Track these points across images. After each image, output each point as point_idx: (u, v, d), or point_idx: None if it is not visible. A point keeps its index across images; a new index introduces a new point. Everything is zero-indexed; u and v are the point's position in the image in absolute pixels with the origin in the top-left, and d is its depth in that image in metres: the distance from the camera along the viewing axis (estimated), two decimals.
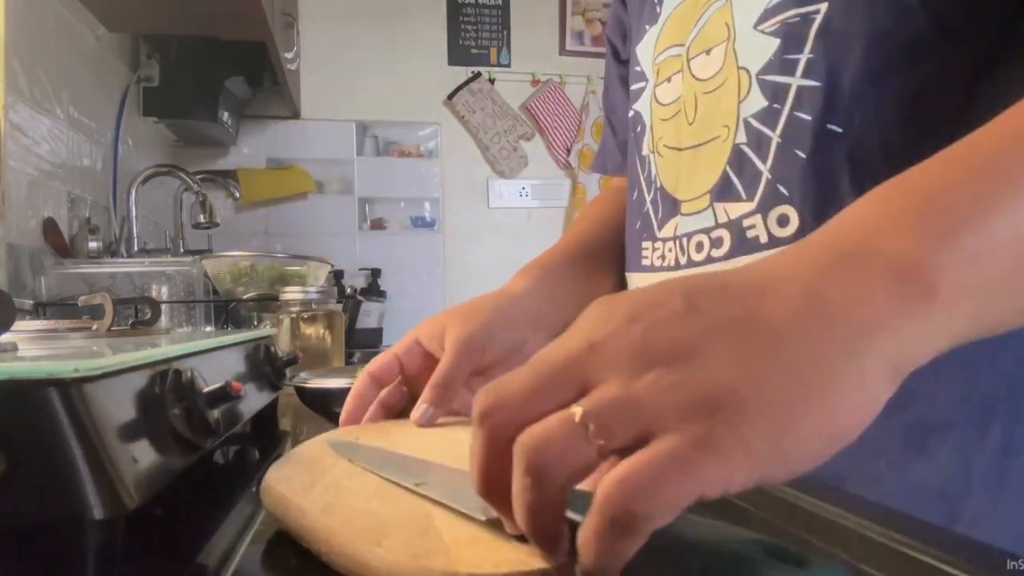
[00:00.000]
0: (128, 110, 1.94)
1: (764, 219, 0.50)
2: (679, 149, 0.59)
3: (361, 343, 2.20)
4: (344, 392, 0.67)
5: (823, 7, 0.48)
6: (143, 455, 0.36)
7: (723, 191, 0.53)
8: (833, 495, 0.40)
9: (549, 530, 0.27)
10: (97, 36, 1.75)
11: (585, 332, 0.27)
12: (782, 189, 0.49)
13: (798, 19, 0.49)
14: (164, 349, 0.45)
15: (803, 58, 0.49)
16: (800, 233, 0.48)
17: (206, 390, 0.46)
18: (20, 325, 0.66)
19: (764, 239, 0.50)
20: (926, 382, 0.38)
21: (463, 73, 2.88)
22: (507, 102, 2.92)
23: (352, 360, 1.68)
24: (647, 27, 0.65)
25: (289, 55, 2.23)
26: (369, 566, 0.31)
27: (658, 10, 0.63)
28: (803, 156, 0.49)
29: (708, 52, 0.56)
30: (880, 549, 0.33)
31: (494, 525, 0.33)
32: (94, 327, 0.70)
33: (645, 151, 0.65)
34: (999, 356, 0.45)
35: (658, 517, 0.23)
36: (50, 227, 1.42)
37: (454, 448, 0.46)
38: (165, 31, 1.96)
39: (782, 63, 0.50)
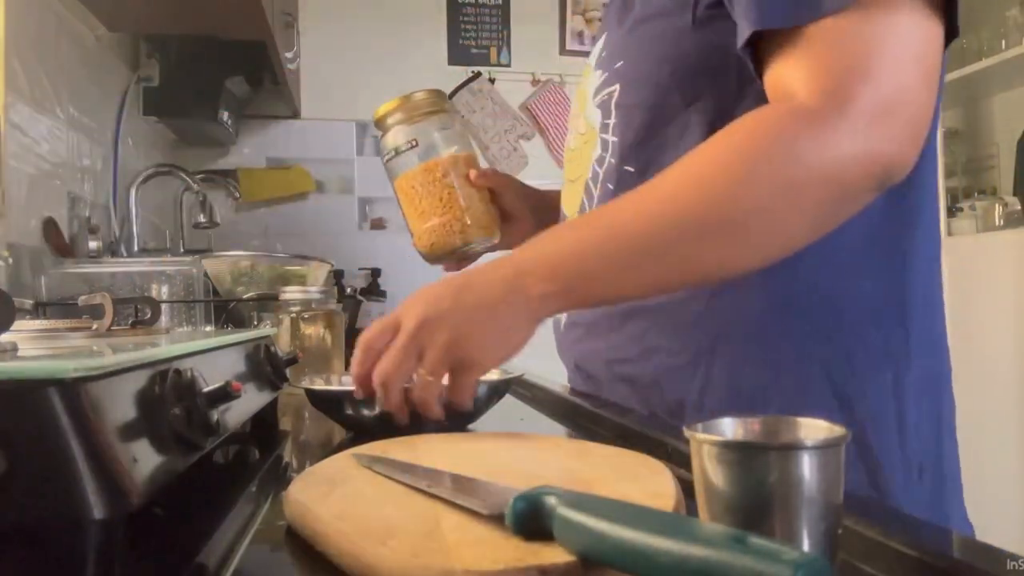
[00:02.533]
0: (128, 110, 1.94)
1: None
2: (571, 181, 0.82)
3: None
4: (340, 395, 0.67)
5: (617, 88, 0.70)
6: (143, 455, 0.36)
7: (581, 211, 0.77)
8: None
9: (396, 404, 0.59)
10: (97, 36, 1.74)
11: (400, 311, 0.59)
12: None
13: (607, 97, 0.72)
14: (164, 349, 0.45)
15: (611, 122, 0.72)
16: None
17: (206, 390, 0.46)
18: (20, 325, 0.66)
19: None
20: (661, 341, 0.68)
21: (463, 73, 2.88)
22: (507, 102, 2.92)
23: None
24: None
25: (289, 55, 2.22)
26: (372, 565, 0.31)
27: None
28: (611, 187, 0.72)
29: (579, 116, 0.79)
30: (880, 549, 0.33)
31: (497, 521, 0.33)
32: (94, 327, 0.70)
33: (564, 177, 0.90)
34: (703, 323, 0.66)
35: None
36: (50, 227, 1.42)
37: (477, 460, 0.47)
38: (165, 31, 1.96)
39: (604, 125, 0.73)
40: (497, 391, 0.71)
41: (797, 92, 0.54)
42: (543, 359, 0.80)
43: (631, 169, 0.70)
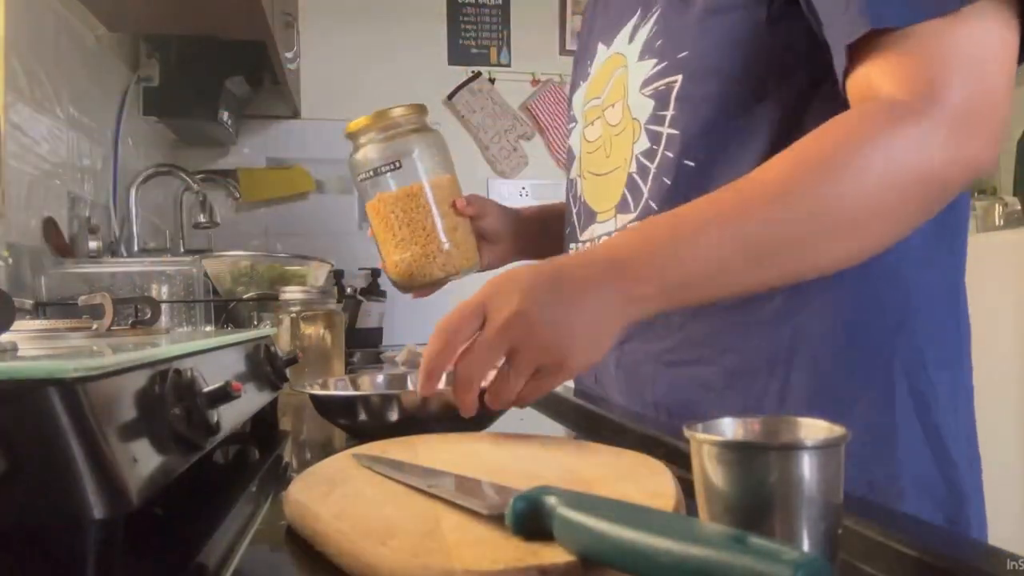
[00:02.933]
0: (128, 110, 1.94)
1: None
2: (598, 175, 0.79)
3: (361, 343, 2.20)
4: (352, 399, 0.67)
5: (679, 78, 0.67)
6: (143, 455, 0.36)
7: (622, 206, 0.74)
8: None
9: (470, 402, 0.55)
10: (97, 36, 1.74)
11: (487, 298, 0.53)
12: (652, 204, 0.70)
13: (664, 87, 0.69)
14: (164, 349, 0.45)
15: (668, 114, 0.69)
16: None
17: (206, 390, 0.46)
18: (20, 325, 0.66)
19: None
20: (736, 341, 0.65)
21: (463, 73, 2.88)
22: (507, 102, 2.91)
23: (352, 360, 1.67)
24: (580, 82, 0.86)
25: (289, 55, 2.22)
26: (372, 565, 0.31)
27: (589, 71, 0.84)
28: (668, 182, 0.69)
29: (613, 105, 0.76)
30: (880, 549, 0.33)
31: (497, 522, 0.33)
32: (94, 327, 0.70)
33: (574, 175, 0.86)
34: (783, 323, 0.64)
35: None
36: (50, 227, 1.42)
37: (477, 460, 0.47)
38: (165, 31, 1.96)
39: (656, 117, 0.70)
40: None
41: (887, 91, 0.54)
42: None
43: (691, 164, 0.68)
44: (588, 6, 0.92)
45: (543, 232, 0.98)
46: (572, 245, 0.84)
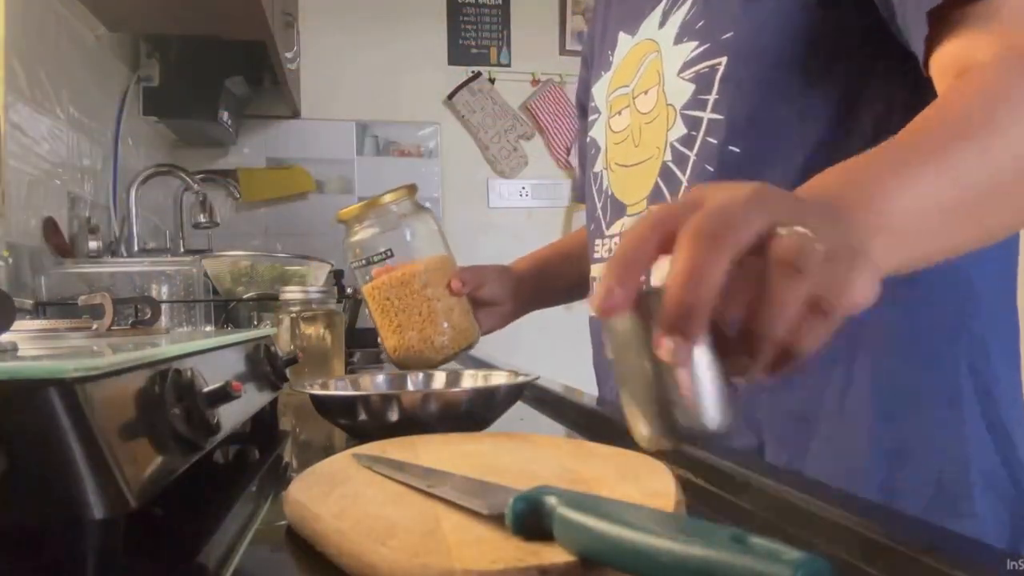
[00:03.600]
0: (128, 110, 1.94)
1: None
2: (626, 166, 0.76)
3: (361, 343, 2.19)
4: (352, 399, 0.67)
5: (724, 60, 0.64)
6: (143, 455, 0.36)
7: (655, 196, 0.70)
8: (834, 496, 0.40)
9: (703, 307, 0.31)
10: (97, 36, 1.74)
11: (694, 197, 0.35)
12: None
13: (707, 70, 0.65)
14: (164, 349, 0.45)
15: (711, 98, 0.66)
16: None
17: (206, 390, 0.46)
18: (20, 325, 0.66)
19: None
20: None
21: (463, 73, 2.88)
22: (507, 102, 2.91)
23: (352, 360, 1.67)
24: (603, 72, 0.84)
25: (289, 55, 2.22)
26: (373, 565, 0.31)
27: (611, 59, 0.82)
28: (711, 169, 0.65)
29: (646, 92, 0.73)
30: (880, 549, 0.33)
31: (497, 521, 0.33)
32: (94, 327, 0.70)
33: (598, 168, 0.82)
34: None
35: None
36: (50, 227, 1.42)
37: (477, 460, 0.47)
38: (165, 31, 1.96)
39: (696, 102, 0.67)
40: (514, 394, 0.70)
41: (986, 59, 0.49)
42: (542, 361, 0.80)
43: (737, 150, 0.64)
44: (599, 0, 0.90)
45: (541, 282, 0.98)
46: (597, 241, 0.82)
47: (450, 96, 2.86)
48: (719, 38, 0.65)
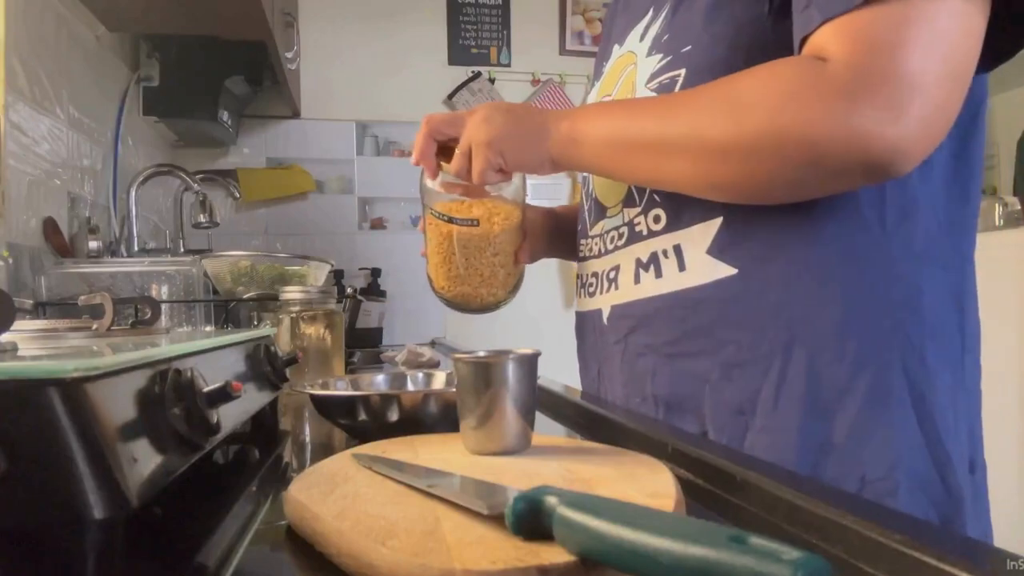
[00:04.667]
0: (128, 110, 1.94)
1: (645, 218, 0.73)
2: None
3: (361, 343, 2.20)
4: (352, 400, 0.67)
5: (682, 72, 0.69)
6: (143, 455, 0.36)
7: (627, 200, 0.76)
8: (834, 495, 0.40)
9: (426, 142, 0.78)
10: (97, 36, 1.75)
11: (467, 113, 0.76)
12: (656, 198, 0.72)
13: (668, 81, 0.70)
14: (164, 349, 0.45)
15: None
16: (667, 228, 0.71)
17: (206, 390, 0.46)
18: (20, 325, 0.66)
19: (644, 232, 0.73)
20: (734, 333, 0.65)
21: (463, 73, 2.88)
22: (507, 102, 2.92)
23: (352, 360, 1.67)
24: (596, 82, 0.91)
25: (289, 55, 2.23)
26: (373, 565, 0.31)
27: (603, 70, 0.87)
28: None
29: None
30: (879, 548, 0.33)
31: (497, 521, 0.33)
32: (94, 327, 0.70)
33: None
34: (780, 316, 0.64)
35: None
36: (50, 227, 1.42)
37: (477, 460, 0.47)
38: (165, 31, 1.96)
39: None
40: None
41: (827, 56, 0.55)
42: (542, 361, 0.80)
43: None
44: (610, 9, 0.94)
45: (555, 232, 0.99)
46: (583, 241, 0.85)
47: (450, 96, 2.86)
48: (680, 51, 0.69)
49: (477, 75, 2.88)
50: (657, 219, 0.72)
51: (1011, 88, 2.75)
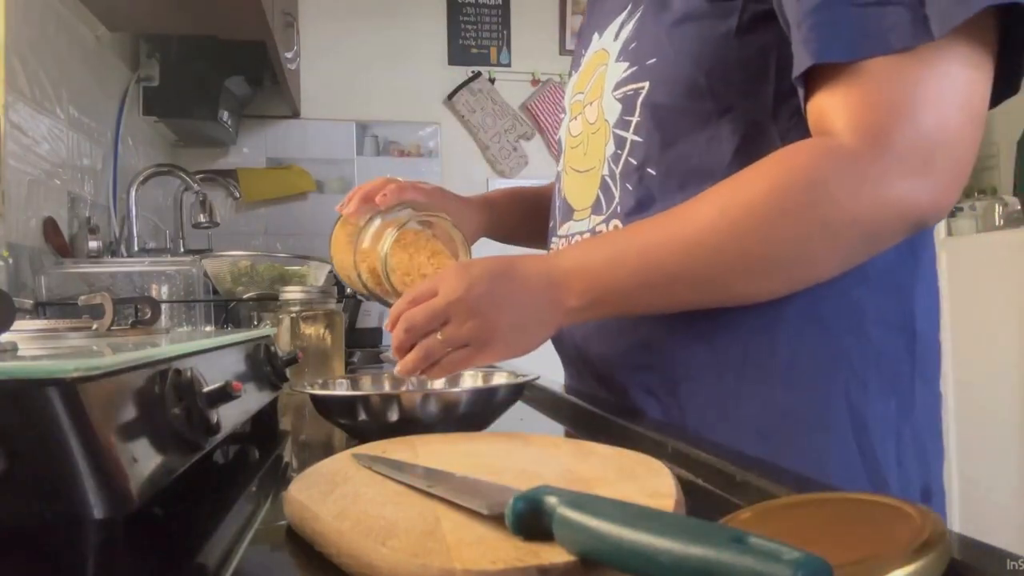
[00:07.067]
0: (128, 110, 1.94)
1: (607, 226, 0.72)
2: (578, 171, 0.78)
3: (361, 343, 2.20)
4: (352, 400, 0.67)
5: (646, 85, 0.67)
6: (143, 455, 0.36)
7: (596, 207, 0.74)
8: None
9: (404, 347, 0.62)
10: (97, 36, 1.75)
11: (443, 280, 0.61)
12: (619, 209, 0.70)
13: (632, 92, 0.68)
14: (164, 349, 0.45)
15: (634, 120, 0.69)
16: None
17: (206, 390, 0.46)
18: (20, 325, 0.66)
19: None
20: (683, 351, 0.66)
21: (463, 73, 2.88)
22: (507, 102, 2.92)
23: (352, 360, 1.67)
24: (572, 73, 0.87)
25: (289, 55, 2.23)
26: (373, 565, 0.31)
27: (582, 59, 0.83)
28: (631, 189, 0.69)
29: (592, 104, 0.76)
30: None
31: (497, 521, 0.33)
32: (94, 327, 0.70)
33: (560, 167, 0.85)
34: (730, 334, 0.64)
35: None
36: (50, 227, 1.42)
37: (477, 460, 0.47)
38: (165, 31, 1.96)
39: (623, 122, 0.70)
40: (514, 394, 0.70)
41: (837, 128, 0.54)
42: (540, 360, 0.80)
43: (653, 172, 0.68)
44: None
45: (507, 216, 1.00)
46: (553, 238, 0.84)
47: (450, 96, 2.87)
48: (645, 63, 0.68)
49: (477, 75, 2.88)
50: (617, 229, 0.71)
51: None
